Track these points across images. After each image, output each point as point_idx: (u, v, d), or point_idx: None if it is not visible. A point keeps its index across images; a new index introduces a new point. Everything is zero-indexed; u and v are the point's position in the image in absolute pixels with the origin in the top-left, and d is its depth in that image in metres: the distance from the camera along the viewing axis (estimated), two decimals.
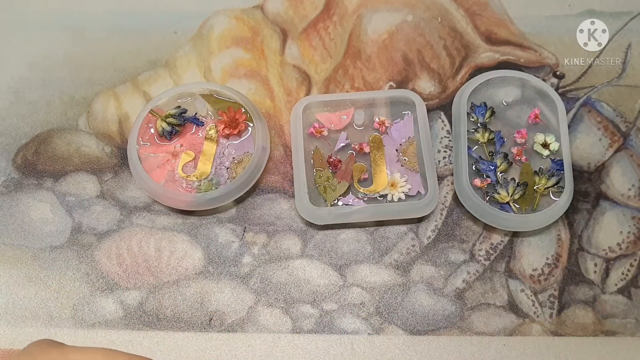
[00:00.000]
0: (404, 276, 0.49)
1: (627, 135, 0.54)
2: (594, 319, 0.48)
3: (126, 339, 0.47)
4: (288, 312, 0.48)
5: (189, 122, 0.52)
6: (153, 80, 0.56)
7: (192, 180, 0.50)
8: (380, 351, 0.47)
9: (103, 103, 0.55)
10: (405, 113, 0.53)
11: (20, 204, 0.52)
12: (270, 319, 0.48)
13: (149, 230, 0.51)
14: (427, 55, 0.57)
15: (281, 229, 0.51)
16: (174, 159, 0.51)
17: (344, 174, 0.50)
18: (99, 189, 0.52)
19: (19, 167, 0.53)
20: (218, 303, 0.48)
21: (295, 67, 0.57)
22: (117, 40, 0.58)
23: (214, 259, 0.50)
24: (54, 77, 0.57)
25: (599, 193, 0.52)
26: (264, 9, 0.59)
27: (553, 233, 0.50)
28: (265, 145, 0.51)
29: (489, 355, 0.47)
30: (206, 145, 0.51)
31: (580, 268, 0.49)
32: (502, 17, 0.59)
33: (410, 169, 0.51)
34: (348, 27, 0.58)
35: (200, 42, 0.58)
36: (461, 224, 0.51)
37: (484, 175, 0.50)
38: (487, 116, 0.52)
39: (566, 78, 0.56)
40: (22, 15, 0.60)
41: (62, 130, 0.55)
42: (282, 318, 0.48)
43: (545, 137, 0.51)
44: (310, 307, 0.48)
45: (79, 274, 0.49)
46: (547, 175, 0.49)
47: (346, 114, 0.53)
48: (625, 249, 0.50)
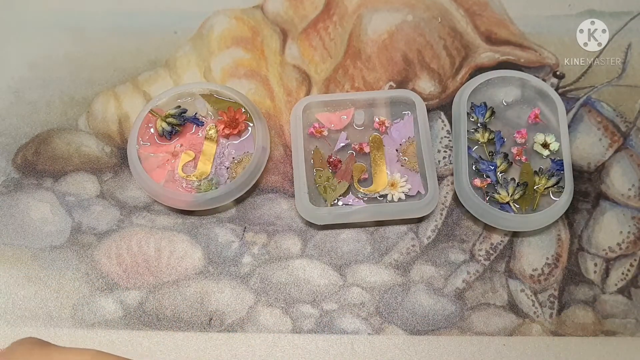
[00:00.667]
0: (404, 276, 0.49)
1: (627, 135, 0.54)
2: (594, 319, 0.48)
3: (126, 339, 0.47)
4: (288, 312, 0.48)
5: (189, 122, 0.52)
6: (153, 80, 0.56)
7: (192, 180, 0.50)
8: (380, 351, 0.47)
9: (103, 103, 0.55)
10: (405, 113, 0.53)
11: (20, 204, 0.52)
12: (270, 319, 0.48)
13: (149, 230, 0.51)
14: (427, 55, 0.57)
15: (281, 229, 0.51)
16: (174, 159, 0.51)
17: (344, 174, 0.50)
18: (99, 189, 0.52)
19: (19, 167, 0.53)
20: (218, 303, 0.48)
21: (295, 67, 0.57)
22: (117, 40, 0.58)
23: (214, 259, 0.50)
24: (54, 77, 0.57)
25: (599, 193, 0.52)
26: (264, 9, 0.59)
27: (553, 233, 0.50)
28: (265, 145, 0.51)
29: (489, 355, 0.47)
30: (206, 145, 0.51)
31: (580, 268, 0.49)
32: (502, 17, 0.59)
33: (410, 169, 0.51)
34: (348, 27, 0.58)
35: (200, 42, 0.58)
36: (461, 224, 0.51)
37: (484, 175, 0.50)
38: (487, 116, 0.52)
39: (566, 78, 0.56)
40: (22, 15, 0.60)
41: (62, 130, 0.55)
42: (282, 318, 0.48)
43: (545, 137, 0.51)
44: (310, 307, 0.48)
45: (78, 274, 0.49)
46: (547, 175, 0.49)
47: (346, 114, 0.53)
48: (625, 249, 0.50)
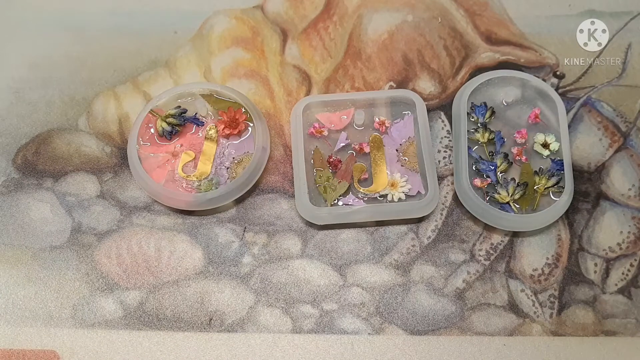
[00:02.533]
0: (404, 276, 0.49)
1: (627, 135, 0.54)
2: (594, 319, 0.48)
3: (126, 339, 0.47)
4: (288, 312, 0.48)
5: (189, 122, 0.52)
6: (153, 80, 0.56)
7: (192, 180, 0.50)
8: (380, 351, 0.47)
9: (103, 103, 0.55)
10: (406, 113, 0.53)
11: (20, 204, 0.52)
12: (270, 319, 0.48)
13: (149, 230, 0.51)
14: (427, 55, 0.57)
15: (281, 229, 0.51)
16: (174, 159, 0.51)
17: (344, 174, 0.50)
18: (99, 189, 0.52)
19: (19, 167, 0.53)
20: (218, 303, 0.48)
21: (295, 67, 0.57)
22: (117, 40, 0.58)
23: (214, 259, 0.50)
24: (54, 77, 0.57)
25: (599, 193, 0.52)
26: (264, 9, 0.59)
27: (553, 233, 0.50)
28: (265, 145, 0.51)
29: (489, 355, 0.47)
30: (206, 145, 0.51)
31: (581, 268, 0.49)
32: (502, 17, 0.59)
33: (411, 169, 0.51)
34: (348, 27, 0.58)
35: (200, 42, 0.58)
36: (461, 224, 0.51)
37: (484, 175, 0.50)
38: (487, 116, 0.52)
39: (566, 78, 0.56)
40: (22, 15, 0.60)
41: (62, 130, 0.55)
42: (282, 318, 0.48)
43: (545, 137, 0.51)
44: (311, 307, 0.48)
45: (78, 274, 0.49)
46: (547, 175, 0.49)
47: (346, 114, 0.53)
48: (625, 249, 0.50)
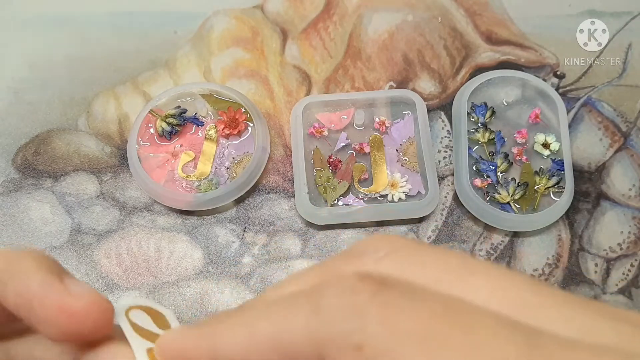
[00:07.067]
0: None
1: (627, 135, 0.54)
2: None
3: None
4: None
5: (189, 122, 0.52)
6: (153, 80, 0.56)
7: (192, 180, 0.50)
8: None
9: (103, 103, 0.55)
10: (406, 113, 0.53)
11: (20, 204, 0.51)
12: None
13: (149, 230, 0.50)
14: (427, 55, 0.57)
15: (281, 229, 0.50)
16: (174, 159, 0.51)
17: (344, 174, 0.50)
18: (99, 189, 0.52)
19: (19, 167, 0.53)
20: (218, 303, 0.48)
21: (295, 67, 0.56)
22: (117, 41, 0.58)
23: (214, 259, 0.49)
24: (54, 77, 0.57)
25: (600, 193, 0.51)
26: (264, 9, 0.59)
27: (553, 233, 0.50)
28: (265, 145, 0.51)
29: None
30: (206, 145, 0.51)
31: (581, 268, 0.49)
32: (503, 17, 0.59)
33: (411, 169, 0.50)
34: (348, 27, 0.58)
35: (200, 42, 0.58)
36: (461, 224, 0.51)
37: (485, 175, 0.50)
38: (488, 116, 0.52)
39: (566, 78, 0.56)
40: (22, 15, 0.60)
41: (62, 131, 0.54)
42: None
43: (545, 137, 0.51)
44: None
45: (78, 274, 0.49)
46: (548, 175, 0.49)
47: (346, 114, 0.53)
48: (625, 249, 0.50)
